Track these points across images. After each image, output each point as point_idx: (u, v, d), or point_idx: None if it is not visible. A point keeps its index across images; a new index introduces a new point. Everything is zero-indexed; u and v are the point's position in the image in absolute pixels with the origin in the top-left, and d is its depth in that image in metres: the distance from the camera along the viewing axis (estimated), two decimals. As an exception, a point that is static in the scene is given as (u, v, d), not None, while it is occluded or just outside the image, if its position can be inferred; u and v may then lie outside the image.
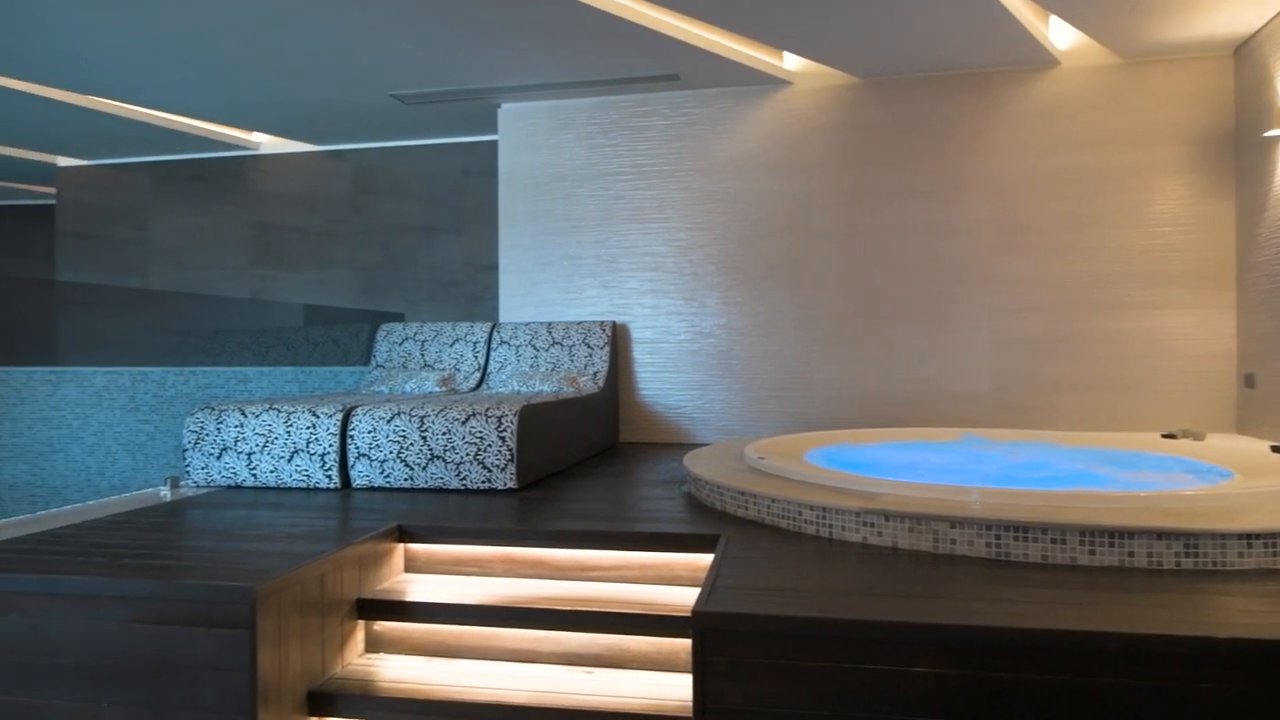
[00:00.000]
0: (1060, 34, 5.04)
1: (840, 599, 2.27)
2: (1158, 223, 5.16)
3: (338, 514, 3.43)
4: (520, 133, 6.06)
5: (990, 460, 4.31)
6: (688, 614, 2.44)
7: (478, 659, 2.80)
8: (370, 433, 3.98)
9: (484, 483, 3.89)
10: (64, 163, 7.56)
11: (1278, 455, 3.73)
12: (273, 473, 4.02)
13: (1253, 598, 2.24)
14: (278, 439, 4.02)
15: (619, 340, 5.87)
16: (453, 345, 5.79)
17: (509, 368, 5.58)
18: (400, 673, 2.72)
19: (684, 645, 2.64)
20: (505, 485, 3.88)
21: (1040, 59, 5.19)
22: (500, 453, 3.87)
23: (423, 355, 5.79)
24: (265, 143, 7.18)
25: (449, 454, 3.91)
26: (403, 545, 3.18)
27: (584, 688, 2.59)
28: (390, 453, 3.96)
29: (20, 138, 6.89)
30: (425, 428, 3.94)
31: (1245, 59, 4.89)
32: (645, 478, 4.31)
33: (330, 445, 3.98)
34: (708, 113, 5.78)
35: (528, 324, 5.80)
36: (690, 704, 2.39)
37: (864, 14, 4.53)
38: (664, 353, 5.85)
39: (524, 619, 2.77)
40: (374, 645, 2.89)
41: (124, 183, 7.52)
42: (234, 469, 4.05)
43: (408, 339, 5.88)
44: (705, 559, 2.92)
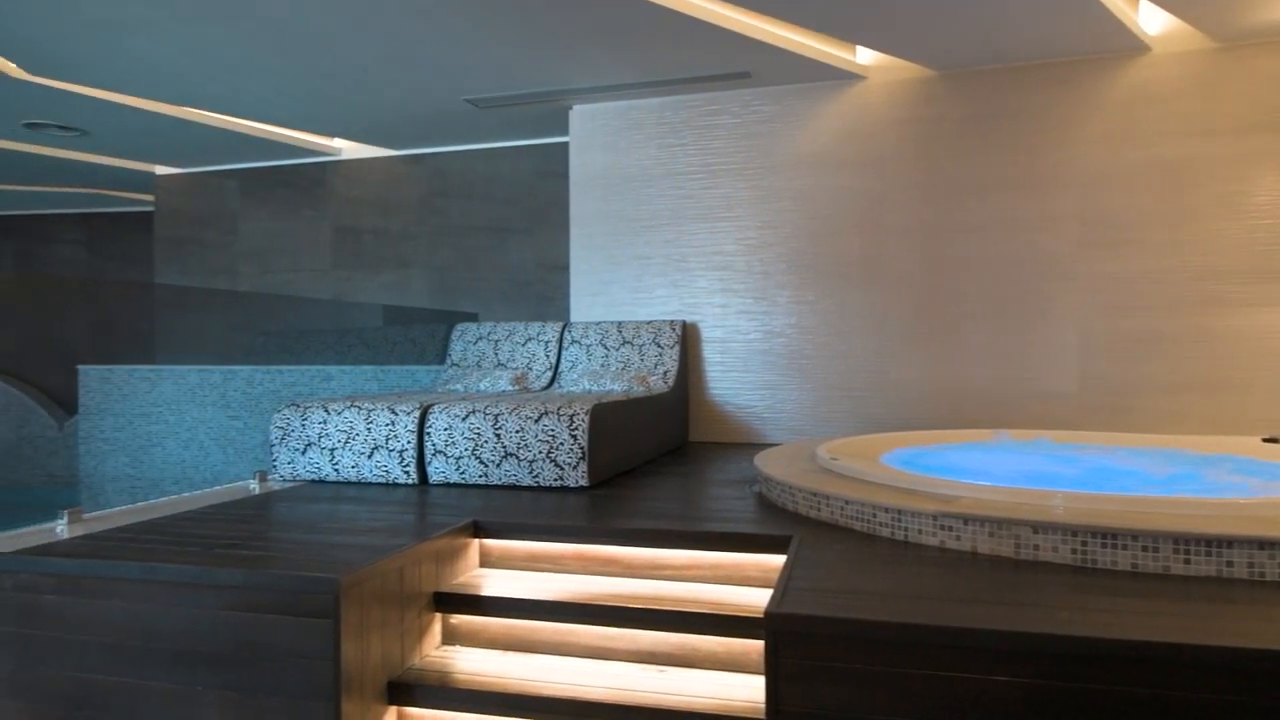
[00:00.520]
0: (1151, 18, 4.81)
1: (917, 603, 2.22)
2: (1257, 215, 4.89)
3: (415, 509, 3.52)
4: (591, 134, 6.11)
5: (1074, 462, 4.15)
6: (758, 615, 2.44)
7: (553, 654, 2.83)
8: (446, 430, 4.07)
9: (556, 480, 3.94)
10: (161, 171, 7.97)
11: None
12: (354, 468, 4.16)
13: (1366, 613, 2.10)
14: (359, 435, 4.15)
15: (689, 339, 5.86)
16: (525, 344, 5.87)
17: (580, 367, 5.64)
18: (477, 665, 2.77)
19: (753, 646, 2.62)
20: (577, 483, 3.92)
21: (1129, 45, 4.97)
22: (572, 451, 3.92)
23: (496, 354, 5.89)
24: (345, 149, 7.42)
25: (522, 451, 3.97)
26: (478, 540, 3.24)
27: (656, 686, 2.60)
28: (465, 450, 4.04)
29: (123, 148, 7.29)
30: (499, 425, 4.01)
31: (1357, 39, 4.59)
32: (715, 477, 4.29)
33: (408, 442, 4.09)
34: (778, 110, 5.72)
35: (598, 323, 5.85)
36: (758, 705, 2.38)
37: (940, 4, 4.42)
38: (734, 352, 5.82)
39: (597, 616, 2.80)
40: (450, 638, 2.96)
41: (214, 189, 7.87)
42: (318, 464, 4.20)
43: (481, 338, 5.99)
44: (776, 560, 2.89)
